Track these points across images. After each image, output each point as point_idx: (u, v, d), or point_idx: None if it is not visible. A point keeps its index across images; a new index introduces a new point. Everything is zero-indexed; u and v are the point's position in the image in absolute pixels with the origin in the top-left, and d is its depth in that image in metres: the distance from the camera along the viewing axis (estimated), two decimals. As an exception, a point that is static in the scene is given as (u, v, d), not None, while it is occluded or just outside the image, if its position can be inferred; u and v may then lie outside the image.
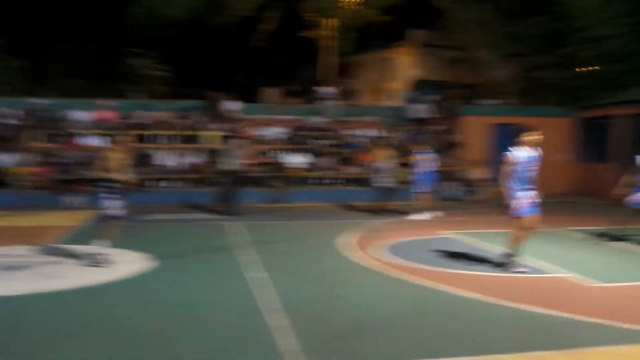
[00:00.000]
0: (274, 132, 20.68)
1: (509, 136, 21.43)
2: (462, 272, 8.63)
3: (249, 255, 9.83)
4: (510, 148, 8.61)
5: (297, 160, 19.42)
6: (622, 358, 5.15)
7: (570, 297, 7.24)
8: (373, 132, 20.96)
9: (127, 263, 9.09)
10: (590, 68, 22.31)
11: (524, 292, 7.43)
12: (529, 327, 6.03)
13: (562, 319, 6.25)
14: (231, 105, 20.87)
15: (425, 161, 14.73)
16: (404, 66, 29.81)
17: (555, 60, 22.42)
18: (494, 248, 10.44)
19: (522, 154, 8.47)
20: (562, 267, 8.86)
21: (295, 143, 20.31)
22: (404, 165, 17.77)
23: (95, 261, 8.85)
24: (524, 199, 8.37)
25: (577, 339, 5.55)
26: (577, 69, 22.27)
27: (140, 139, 19.69)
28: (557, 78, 22.53)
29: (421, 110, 22.40)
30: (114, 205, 8.94)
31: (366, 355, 5.23)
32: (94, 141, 18.67)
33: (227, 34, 28.40)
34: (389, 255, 9.83)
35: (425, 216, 14.40)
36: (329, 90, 22.76)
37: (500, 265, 8.78)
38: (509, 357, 5.12)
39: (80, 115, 19.61)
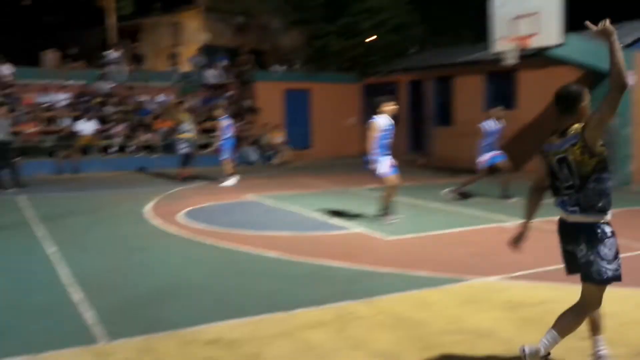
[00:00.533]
0: (55, 98, 19.24)
1: (300, 101, 22.44)
2: (262, 233, 8.84)
3: (36, 230, 9.16)
4: (374, 116, 9.22)
5: (85, 127, 18.30)
6: (413, 301, 5.67)
7: (364, 250, 7.76)
8: (164, 98, 20.43)
9: None
10: (369, 38, 23.70)
11: (322, 249, 7.83)
12: (328, 281, 6.37)
13: (358, 271, 6.70)
14: (4, 69, 19.00)
15: (225, 127, 14.73)
16: (192, 31, 29.23)
17: (337, 29, 23.49)
18: (293, 209, 10.86)
19: (383, 121, 9.12)
20: (355, 223, 9.47)
21: (80, 110, 19.09)
22: (203, 131, 17.67)
23: None
24: (387, 161, 9.13)
25: (373, 289, 5.99)
26: (357, 38, 23.53)
27: None
28: (339, 46, 23.63)
29: (212, 75, 22.29)
30: None
31: (167, 320, 5.16)
32: None
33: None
34: (189, 220, 9.76)
35: (231, 182, 14.43)
36: (114, 54, 21.65)
37: (379, 218, 9.46)
38: (310, 311, 5.34)
39: None
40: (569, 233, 3.76)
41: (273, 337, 4.74)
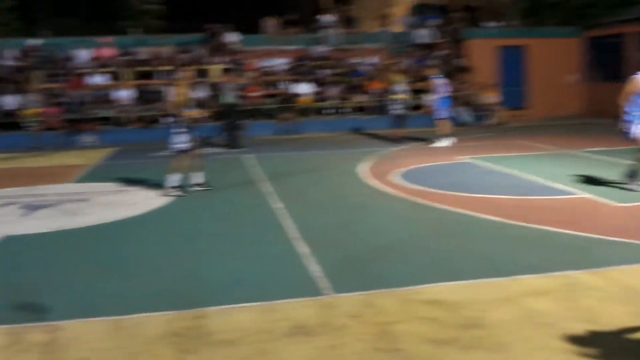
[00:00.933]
0: (276, 62, 20.36)
1: (516, 58, 21.37)
2: (478, 195, 8.65)
3: (264, 187, 9.85)
4: (638, 72, 8.29)
5: (303, 90, 19.21)
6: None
7: (592, 217, 7.27)
8: (377, 60, 20.63)
9: (145, 199, 9.12)
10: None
11: (545, 214, 7.45)
12: (551, 247, 6.06)
13: (586, 238, 6.28)
14: (230, 38, 20.50)
15: (440, 86, 14.53)
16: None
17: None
18: (510, 171, 10.47)
19: None
20: (580, 187, 8.87)
21: (299, 73, 20.03)
22: (415, 91, 17.60)
23: (168, 193, 9.19)
24: None
25: (603, 258, 5.59)
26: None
27: (142, 75, 19.47)
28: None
29: (424, 35, 22.00)
30: (182, 140, 9.14)
31: (387, 277, 5.28)
32: (96, 79, 18.46)
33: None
34: (404, 181, 9.85)
35: (445, 143, 14.28)
36: (329, 18, 22.30)
37: (625, 183, 8.60)
38: (534, 278, 5.14)
39: (80, 53, 19.28)
40: None
41: (495, 302, 4.64)
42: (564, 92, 21.17)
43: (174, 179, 9.28)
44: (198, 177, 9.53)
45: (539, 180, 9.62)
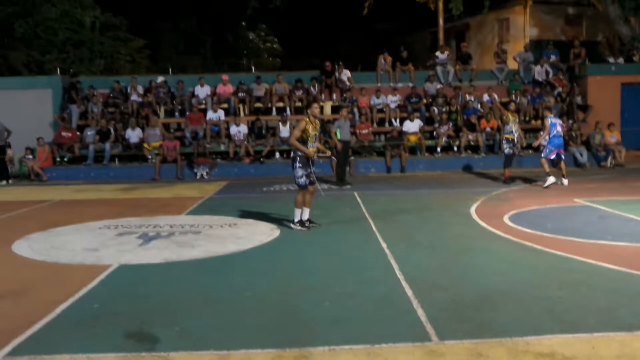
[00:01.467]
0: (386, 100, 20.42)
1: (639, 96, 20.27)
2: (597, 242, 8.18)
3: (369, 225, 9.82)
4: None
5: (411, 127, 19.11)
6: None
7: None
8: (492, 97, 20.21)
9: (255, 234, 9.33)
10: None
11: (670, 264, 6.94)
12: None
13: None
14: (343, 75, 20.82)
15: (550, 125, 14.00)
16: (519, 26, 28.56)
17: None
18: (633, 216, 9.86)
19: None
20: None
21: (408, 110, 19.96)
22: (529, 130, 17.08)
23: (302, 226, 9.49)
24: None
25: None
26: None
27: (257, 111, 20.15)
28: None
29: (540, 71, 21.37)
30: (301, 174, 9.32)
31: (496, 325, 5.06)
32: (215, 115, 19.27)
33: (332, 3, 28.19)
34: (515, 224, 9.50)
35: (550, 181, 13.68)
36: (442, 55, 22.18)
37: None
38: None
39: (199, 90, 20.24)
40: None
41: (614, 359, 4.33)
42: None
43: (298, 213, 9.50)
44: (307, 213, 9.66)
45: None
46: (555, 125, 13.88)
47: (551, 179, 13.58)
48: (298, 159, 9.32)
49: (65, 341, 4.96)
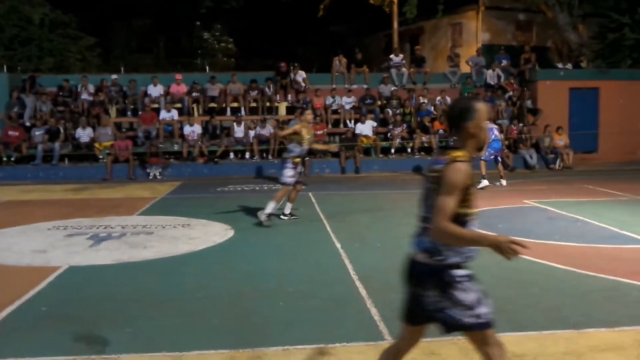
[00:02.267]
0: (342, 101, 20.50)
1: (587, 101, 20.86)
2: (545, 242, 8.39)
3: (323, 225, 9.84)
4: None
5: (365, 129, 19.21)
6: None
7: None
8: (442, 100, 20.49)
9: (208, 234, 9.25)
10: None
11: (617, 264, 7.15)
12: (625, 300, 5.78)
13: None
14: (298, 76, 20.82)
15: (490, 130, 14.29)
16: (472, 31, 29.04)
17: (632, 21, 21.33)
18: (579, 217, 10.13)
19: None
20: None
21: (362, 112, 20.06)
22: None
23: (264, 220, 9.75)
24: None
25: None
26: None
27: (211, 111, 19.96)
28: (634, 39, 21.42)
29: (492, 76, 21.79)
30: (292, 174, 9.91)
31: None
32: (168, 114, 19.01)
33: (288, 4, 28.15)
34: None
35: (486, 184, 13.96)
36: (396, 58, 22.38)
37: None
38: (605, 332, 4.92)
39: (152, 89, 19.95)
40: None
41: (562, 356, 4.45)
42: (637, 136, 20.47)
43: (272, 206, 9.80)
44: (289, 208, 10.30)
45: (609, 227, 9.26)
46: (492, 129, 14.21)
47: (485, 182, 13.95)
48: (290, 160, 9.94)
49: (11, 345, 4.82)
